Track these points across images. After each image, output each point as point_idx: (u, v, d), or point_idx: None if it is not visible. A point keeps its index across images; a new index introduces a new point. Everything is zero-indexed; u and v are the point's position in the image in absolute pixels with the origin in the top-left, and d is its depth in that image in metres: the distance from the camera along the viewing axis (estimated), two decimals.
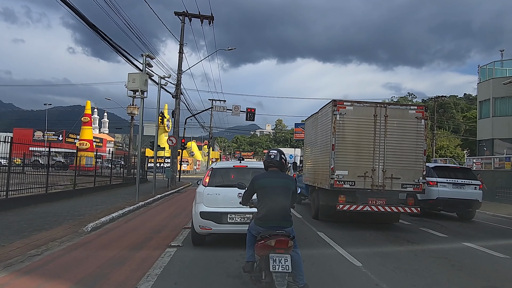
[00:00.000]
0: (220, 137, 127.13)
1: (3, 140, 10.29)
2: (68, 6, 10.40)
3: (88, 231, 7.98)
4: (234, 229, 6.43)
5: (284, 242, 3.75)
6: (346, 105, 9.27)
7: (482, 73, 29.96)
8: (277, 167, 4.34)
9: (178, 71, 23.05)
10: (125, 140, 72.63)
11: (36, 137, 50.53)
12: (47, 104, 63.47)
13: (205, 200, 6.58)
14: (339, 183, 9.10)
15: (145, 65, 14.58)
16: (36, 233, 7.30)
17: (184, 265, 5.66)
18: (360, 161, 9.18)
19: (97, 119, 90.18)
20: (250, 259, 4.29)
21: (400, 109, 9.57)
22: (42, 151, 19.23)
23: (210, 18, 23.35)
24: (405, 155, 9.23)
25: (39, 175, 13.00)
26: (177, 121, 23.92)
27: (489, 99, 28.03)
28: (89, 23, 11.79)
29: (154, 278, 4.93)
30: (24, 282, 4.74)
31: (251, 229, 4.28)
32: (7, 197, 10.18)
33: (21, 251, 5.93)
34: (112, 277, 4.96)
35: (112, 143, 67.12)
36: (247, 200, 4.49)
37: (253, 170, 6.86)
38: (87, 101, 38.40)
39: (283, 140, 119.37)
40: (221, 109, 33.07)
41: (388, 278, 5.19)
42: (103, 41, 13.00)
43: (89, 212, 10.42)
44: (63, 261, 5.74)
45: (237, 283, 4.82)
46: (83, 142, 34.93)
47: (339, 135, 9.17)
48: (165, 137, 39.77)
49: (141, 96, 14.62)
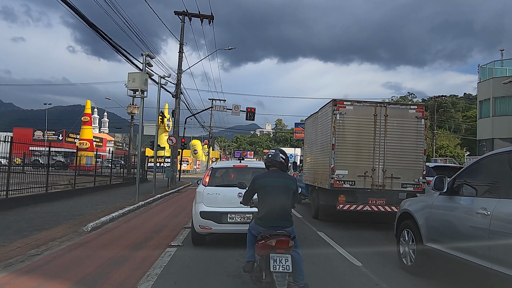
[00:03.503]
0: (220, 137, 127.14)
1: (3, 140, 10.29)
2: (68, 5, 10.38)
3: (88, 230, 7.98)
4: (234, 229, 6.42)
5: (285, 242, 3.75)
6: (346, 104, 9.26)
7: (482, 73, 29.97)
8: (277, 167, 4.34)
9: (178, 71, 23.05)
10: (125, 139, 72.61)
11: (36, 136, 50.56)
12: (47, 103, 63.50)
13: (205, 199, 6.58)
14: (339, 183, 9.09)
15: (145, 64, 14.58)
16: (36, 232, 7.31)
17: (184, 265, 5.66)
18: (360, 160, 9.18)
19: (97, 119, 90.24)
20: (250, 259, 4.29)
21: (400, 108, 9.57)
22: (42, 150, 19.24)
23: (210, 18, 23.35)
24: (405, 154, 9.22)
25: (39, 174, 13.01)
26: (177, 120, 23.92)
27: (489, 98, 28.05)
28: (89, 23, 11.78)
29: (154, 277, 4.93)
30: (24, 282, 4.74)
31: (252, 229, 4.28)
32: (7, 196, 10.18)
33: (21, 250, 5.93)
34: (112, 276, 4.96)
35: (112, 143, 67.12)
36: (247, 200, 4.49)
37: (253, 170, 6.86)
38: (87, 100, 38.44)
39: (283, 140, 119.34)
40: (221, 109, 33.07)
41: (388, 278, 5.19)
42: (103, 40, 13.00)
43: (89, 211, 10.42)
44: (63, 260, 5.74)
45: (237, 283, 4.82)
46: (83, 142, 34.96)
47: (339, 135, 9.16)
48: (165, 136, 39.75)
49: (141, 95, 14.62)
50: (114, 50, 13.99)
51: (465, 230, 4.38)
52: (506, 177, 4.06)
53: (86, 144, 34.55)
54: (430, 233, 5.06)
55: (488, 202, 4.08)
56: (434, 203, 5.15)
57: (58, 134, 52.84)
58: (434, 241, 4.92)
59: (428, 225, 5.14)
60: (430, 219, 5.12)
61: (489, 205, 4.00)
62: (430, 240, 5.02)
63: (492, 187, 4.32)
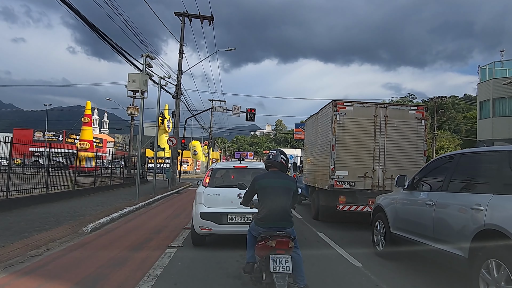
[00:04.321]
0: (220, 138, 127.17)
1: (3, 141, 10.29)
2: (68, 6, 10.39)
3: (88, 231, 7.98)
4: (234, 229, 6.42)
5: (285, 243, 3.74)
6: (346, 105, 9.26)
7: (482, 74, 29.95)
8: (277, 168, 4.34)
9: (178, 72, 23.06)
10: (125, 140, 72.63)
11: (36, 137, 50.57)
12: (47, 104, 63.60)
13: (205, 200, 6.58)
14: (339, 184, 9.10)
15: (145, 65, 14.60)
16: (36, 233, 7.31)
17: (184, 266, 5.65)
18: (360, 161, 9.18)
19: (97, 120, 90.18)
20: (250, 259, 4.29)
21: (400, 109, 9.57)
22: (42, 151, 19.24)
23: (210, 19, 23.37)
24: (405, 155, 9.22)
25: (39, 175, 13.01)
26: (177, 121, 23.92)
27: (489, 99, 28.02)
28: (89, 23, 11.79)
29: (154, 278, 4.93)
30: (24, 283, 4.74)
31: (252, 229, 4.28)
32: (7, 197, 10.18)
33: (21, 251, 5.93)
34: (112, 277, 4.96)
35: (112, 144, 67.09)
36: (247, 201, 4.49)
37: (253, 171, 6.86)
38: (87, 101, 38.37)
39: (283, 141, 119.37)
40: (221, 110, 33.10)
41: (388, 279, 5.19)
42: (103, 41, 13.01)
43: (89, 212, 10.42)
44: (63, 261, 5.74)
45: (237, 284, 4.82)
46: (83, 143, 34.94)
47: (339, 136, 9.17)
48: (165, 137, 39.76)
49: (141, 96, 14.64)
50: (114, 51, 14.02)
51: (418, 218, 5.39)
52: (447, 175, 5.05)
53: (86, 145, 34.53)
54: (395, 222, 6.08)
55: (434, 195, 5.14)
56: (398, 197, 6.23)
57: (58, 135, 52.84)
58: (398, 229, 5.96)
59: (393, 216, 6.16)
60: (395, 211, 6.15)
61: (434, 197, 5.07)
62: (395, 228, 6.05)
63: (438, 183, 5.25)
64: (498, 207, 3.89)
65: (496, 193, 4.00)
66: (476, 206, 4.11)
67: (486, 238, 3.93)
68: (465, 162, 4.95)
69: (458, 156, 5.09)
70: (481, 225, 3.98)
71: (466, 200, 4.40)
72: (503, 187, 4.00)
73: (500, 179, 4.13)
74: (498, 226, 3.78)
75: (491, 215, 3.90)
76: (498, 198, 3.94)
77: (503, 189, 3.99)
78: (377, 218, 6.76)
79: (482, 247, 3.97)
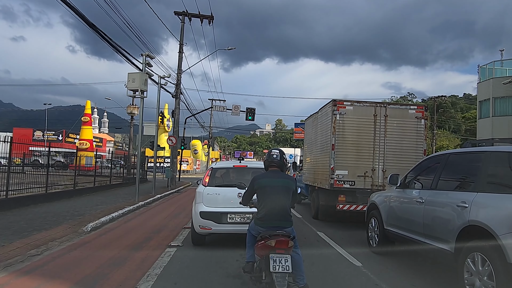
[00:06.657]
0: (220, 137, 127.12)
1: (3, 140, 10.29)
2: (68, 5, 10.37)
3: (88, 231, 7.98)
4: (234, 229, 6.42)
5: (284, 243, 3.74)
6: (346, 105, 9.26)
7: (482, 73, 29.93)
8: (277, 167, 4.34)
9: (178, 71, 23.04)
10: (125, 140, 72.59)
11: (36, 136, 50.55)
12: (47, 103, 63.52)
13: (205, 200, 6.58)
14: (339, 183, 9.10)
15: (145, 64, 14.58)
16: (36, 233, 7.31)
17: (184, 265, 5.66)
18: (360, 161, 9.18)
19: (97, 119, 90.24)
20: (250, 259, 4.28)
21: (400, 109, 9.57)
22: (42, 150, 19.26)
23: (210, 18, 23.35)
24: (405, 154, 9.22)
25: (39, 175, 13.00)
26: (177, 120, 23.92)
27: (489, 99, 28.00)
28: (89, 23, 11.77)
29: (154, 278, 4.93)
30: (24, 282, 4.74)
31: (251, 229, 4.28)
32: (7, 197, 10.18)
33: (21, 251, 5.93)
34: (112, 277, 4.96)
35: (112, 143, 67.10)
36: (247, 200, 4.48)
37: (253, 170, 6.86)
38: (87, 100, 38.40)
39: (283, 140, 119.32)
40: (221, 109, 33.10)
41: (388, 278, 5.19)
42: (103, 40, 13.00)
43: (89, 212, 10.41)
44: (63, 261, 5.74)
45: (237, 283, 4.82)
46: (83, 142, 34.94)
47: (339, 135, 9.16)
48: (165, 137, 39.75)
49: (141, 96, 14.62)
50: (114, 50, 13.99)
51: (409, 215, 5.61)
52: (436, 173, 5.26)
53: (86, 144, 34.53)
54: (388, 219, 6.30)
55: (424, 193, 5.36)
56: (391, 195, 6.43)
57: (58, 134, 52.82)
58: (391, 225, 6.18)
59: (386, 213, 6.38)
60: (388, 208, 6.37)
61: (424, 195, 5.30)
62: (388, 225, 6.28)
63: (429, 181, 5.44)
64: (482, 204, 4.11)
65: (480, 191, 4.22)
66: (462, 203, 4.33)
67: (471, 234, 4.14)
68: (453, 161, 5.20)
69: (447, 156, 5.35)
70: (466, 222, 4.20)
71: (453, 197, 4.61)
72: (487, 186, 4.23)
73: (484, 178, 4.36)
74: (481, 222, 4.00)
75: (475, 212, 4.12)
76: (481, 196, 4.17)
77: (486, 187, 4.22)
78: (371, 215, 6.97)
79: (467, 242, 4.18)
